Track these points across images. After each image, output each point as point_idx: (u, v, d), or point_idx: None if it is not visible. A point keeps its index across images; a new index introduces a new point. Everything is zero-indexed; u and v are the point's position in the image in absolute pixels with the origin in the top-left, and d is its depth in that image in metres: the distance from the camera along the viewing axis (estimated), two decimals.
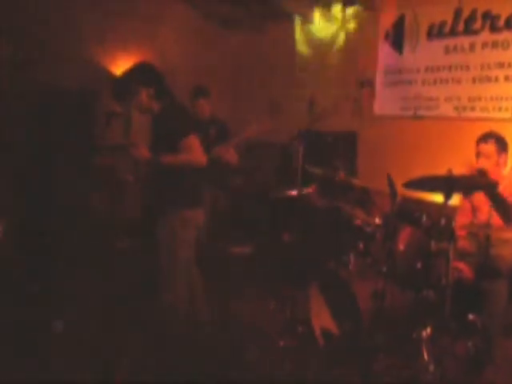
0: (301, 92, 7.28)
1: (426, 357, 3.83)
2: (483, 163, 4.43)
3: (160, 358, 3.94)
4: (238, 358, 4.19)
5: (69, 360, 3.95)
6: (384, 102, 6.45)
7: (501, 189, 4.20)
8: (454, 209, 4.73)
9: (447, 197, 3.67)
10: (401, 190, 4.12)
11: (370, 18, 6.58)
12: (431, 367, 3.77)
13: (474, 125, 5.39)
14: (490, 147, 4.44)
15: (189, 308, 4.09)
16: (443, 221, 3.95)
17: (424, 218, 4.13)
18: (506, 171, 4.55)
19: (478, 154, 4.48)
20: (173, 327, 3.98)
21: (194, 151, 3.89)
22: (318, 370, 4.01)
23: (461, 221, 4.65)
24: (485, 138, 4.49)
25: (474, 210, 4.64)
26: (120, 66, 6.73)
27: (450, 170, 3.69)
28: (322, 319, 4.34)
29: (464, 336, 4.01)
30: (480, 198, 4.48)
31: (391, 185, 4.20)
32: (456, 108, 5.77)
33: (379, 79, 6.44)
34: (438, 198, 3.86)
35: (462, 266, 4.23)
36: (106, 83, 6.54)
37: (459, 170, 4.42)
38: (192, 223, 4.01)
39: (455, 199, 4.67)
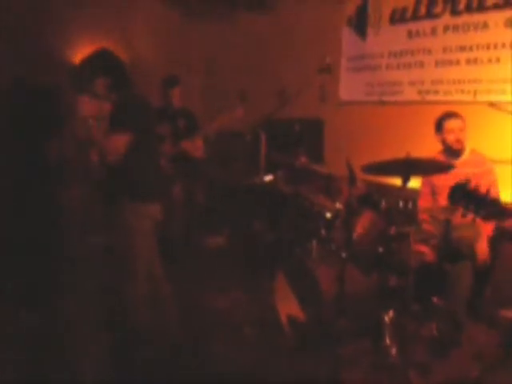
0: (270, 80, 7.26)
1: (388, 340, 3.83)
2: (453, 137, 4.48)
3: (124, 351, 3.91)
4: (204, 347, 4.18)
5: (37, 359, 3.91)
6: (349, 88, 6.45)
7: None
8: (416, 192, 4.75)
9: (405, 180, 3.67)
10: (364, 175, 4.12)
11: (333, 5, 6.54)
12: (393, 351, 3.78)
13: (437, 108, 5.37)
14: (457, 122, 4.51)
15: (152, 299, 4.04)
16: (403, 204, 3.96)
17: (383, 202, 4.13)
18: (465, 155, 4.59)
19: (445, 131, 4.54)
20: (135, 320, 3.93)
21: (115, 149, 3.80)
22: (285, 358, 4.00)
23: (422, 204, 4.69)
24: (449, 115, 4.58)
25: (434, 193, 4.66)
26: None
27: (407, 153, 3.69)
28: (289, 306, 4.33)
29: (428, 319, 4.02)
30: (439, 181, 4.51)
31: (350, 169, 4.18)
32: (420, 92, 5.77)
33: (343, 65, 6.45)
34: (398, 181, 3.85)
35: (424, 249, 4.24)
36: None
37: (424, 153, 4.47)
38: (147, 217, 3.92)
39: (416, 183, 4.70)
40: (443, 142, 4.61)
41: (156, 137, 4.31)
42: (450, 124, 4.54)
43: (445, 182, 4.39)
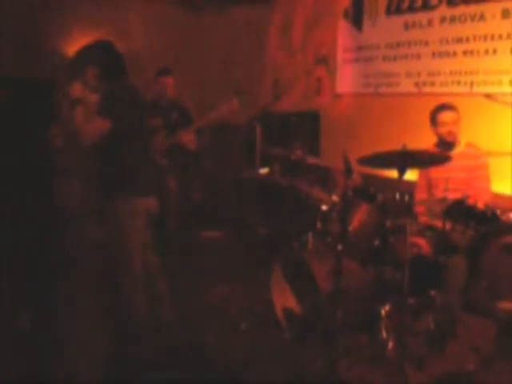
0: (265, 73, 7.24)
1: (384, 334, 3.82)
2: (446, 129, 4.47)
3: (120, 346, 3.89)
4: (200, 340, 4.17)
5: (29, 359, 3.89)
6: (345, 80, 6.41)
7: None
8: (413, 184, 4.73)
9: (401, 172, 3.65)
10: (360, 167, 4.10)
11: None
12: (390, 344, 3.77)
13: (434, 100, 5.35)
14: (450, 114, 4.48)
15: (147, 295, 4.01)
16: (399, 197, 3.93)
17: (380, 195, 4.10)
18: (460, 147, 4.57)
19: (438, 124, 4.53)
20: (131, 316, 3.90)
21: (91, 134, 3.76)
22: (281, 351, 3.99)
23: (418, 197, 4.67)
24: (442, 107, 4.56)
25: (430, 186, 4.65)
26: None
27: (404, 146, 3.67)
28: (285, 299, 4.32)
29: (425, 312, 4.01)
30: (435, 174, 4.50)
31: (346, 162, 4.16)
32: (416, 84, 5.74)
33: (340, 57, 6.41)
34: (395, 174, 3.83)
35: (421, 241, 4.21)
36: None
37: (421, 145, 4.46)
38: (141, 211, 3.88)
39: (413, 175, 4.68)
40: (437, 134, 4.60)
41: (147, 129, 4.27)
42: (443, 116, 4.53)
43: (440, 174, 4.40)
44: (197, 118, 5.71)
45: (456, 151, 4.53)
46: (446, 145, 4.57)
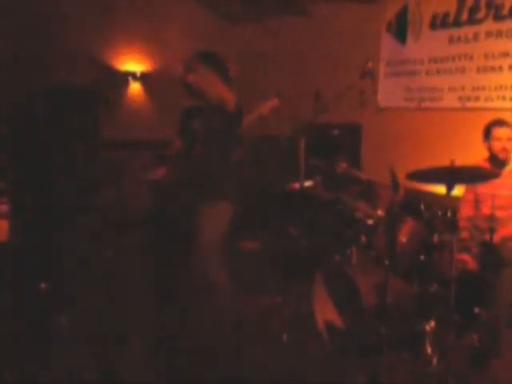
0: (306, 85, 7.24)
1: (429, 350, 3.79)
2: (500, 146, 4.42)
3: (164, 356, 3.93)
4: (243, 353, 4.17)
5: (78, 357, 3.95)
6: (388, 94, 6.41)
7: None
8: (458, 200, 4.69)
9: (449, 188, 3.63)
10: (405, 181, 4.09)
11: (372, 10, 6.52)
12: (435, 361, 3.74)
13: (478, 115, 5.34)
14: (505, 131, 4.44)
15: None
16: (446, 212, 3.92)
17: (426, 210, 4.09)
18: (510, 165, 4.52)
19: (493, 139, 4.47)
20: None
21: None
22: (323, 365, 3.98)
23: (465, 212, 4.63)
24: (499, 122, 4.50)
25: (478, 202, 4.60)
26: (126, 63, 6.72)
27: (452, 161, 3.65)
28: (327, 313, 4.31)
29: (469, 329, 3.97)
30: (483, 190, 4.45)
31: (393, 177, 4.16)
32: (460, 98, 5.72)
33: (382, 71, 6.41)
34: (441, 189, 3.81)
35: (466, 258, 4.19)
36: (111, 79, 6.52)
37: (464, 160, 4.41)
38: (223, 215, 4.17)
39: (459, 190, 4.64)
40: (489, 149, 4.54)
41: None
42: (499, 132, 4.46)
43: (489, 190, 4.35)
44: None
45: (506, 169, 4.48)
46: (497, 161, 4.51)
